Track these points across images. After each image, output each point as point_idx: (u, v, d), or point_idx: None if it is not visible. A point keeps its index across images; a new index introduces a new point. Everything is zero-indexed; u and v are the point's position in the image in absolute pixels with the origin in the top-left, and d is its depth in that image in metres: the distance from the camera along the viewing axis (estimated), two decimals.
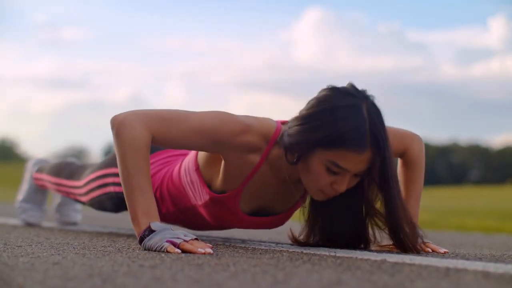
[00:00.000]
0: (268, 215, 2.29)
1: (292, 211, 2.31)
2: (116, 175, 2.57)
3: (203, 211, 2.27)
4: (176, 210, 2.41)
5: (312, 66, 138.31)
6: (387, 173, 1.98)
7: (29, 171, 3.38)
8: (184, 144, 2.05)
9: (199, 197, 2.24)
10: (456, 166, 73.19)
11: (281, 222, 2.33)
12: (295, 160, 1.99)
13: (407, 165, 2.33)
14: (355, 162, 1.91)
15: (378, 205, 2.09)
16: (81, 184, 2.83)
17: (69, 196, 3.01)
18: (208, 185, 2.19)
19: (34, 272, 1.34)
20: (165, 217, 2.46)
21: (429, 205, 12.63)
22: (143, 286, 1.18)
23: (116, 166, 2.53)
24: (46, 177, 3.15)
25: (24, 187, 3.39)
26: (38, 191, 3.36)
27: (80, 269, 1.40)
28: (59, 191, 3.07)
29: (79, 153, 73.58)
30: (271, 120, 2.13)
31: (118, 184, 2.52)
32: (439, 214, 9.05)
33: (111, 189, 2.63)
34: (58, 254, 1.72)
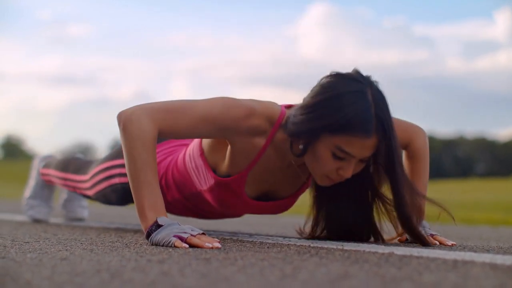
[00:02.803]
0: (273, 200, 2.29)
1: (296, 196, 2.32)
2: (122, 166, 2.57)
3: (208, 196, 2.27)
4: (181, 197, 2.41)
5: (318, 61, 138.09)
6: (393, 158, 1.97)
7: (35, 167, 3.39)
8: (191, 134, 2.05)
9: (204, 181, 2.24)
10: (462, 159, 73.09)
11: (285, 207, 2.34)
12: (301, 151, 1.99)
13: (411, 157, 2.33)
14: (360, 147, 1.91)
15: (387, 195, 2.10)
16: (87, 178, 2.83)
17: (75, 191, 3.01)
18: (213, 170, 2.20)
19: (42, 267, 1.34)
20: (171, 205, 2.47)
21: (436, 198, 12.58)
22: (151, 280, 1.18)
23: (121, 157, 2.54)
24: (52, 172, 3.16)
25: (31, 183, 3.40)
26: (45, 187, 3.37)
27: (88, 265, 1.40)
28: (65, 185, 3.08)
29: (85, 150, 73.75)
30: (275, 103, 2.13)
31: (124, 175, 2.53)
32: (446, 207, 9.00)
33: (116, 180, 2.63)
34: (66, 250, 1.73)
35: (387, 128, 1.92)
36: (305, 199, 2.32)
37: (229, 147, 2.12)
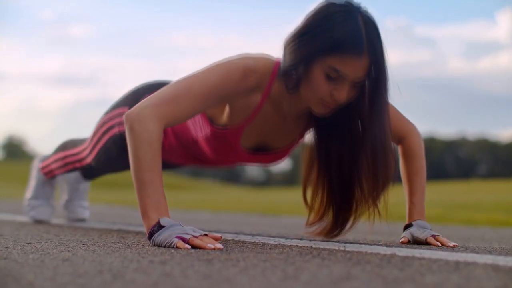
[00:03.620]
0: (267, 151, 2.34)
1: (290, 148, 2.36)
2: (121, 115, 2.60)
3: (204, 145, 2.32)
4: (178, 145, 2.47)
5: None
6: (380, 84, 2.01)
7: (35, 167, 3.38)
8: (196, 113, 2.08)
9: (200, 131, 2.29)
10: (464, 160, 73.04)
11: (279, 159, 2.39)
12: (295, 83, 2.03)
13: (408, 156, 2.33)
14: (353, 67, 1.94)
15: None
16: (85, 146, 2.88)
17: (75, 166, 3.04)
18: (211, 120, 2.24)
19: (44, 268, 1.34)
20: (167, 153, 2.50)
21: (437, 199, 12.59)
22: (153, 281, 1.18)
23: (121, 106, 2.61)
24: (51, 159, 3.19)
25: (32, 184, 3.39)
26: (46, 185, 3.36)
27: (90, 265, 1.40)
28: (65, 165, 3.09)
29: None
30: (269, 55, 2.17)
31: (123, 124, 2.56)
32: (447, 208, 9.03)
33: (115, 130, 2.65)
34: (68, 251, 1.73)
35: (378, 49, 1.96)
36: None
37: (227, 105, 2.17)
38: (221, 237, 1.93)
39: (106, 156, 2.78)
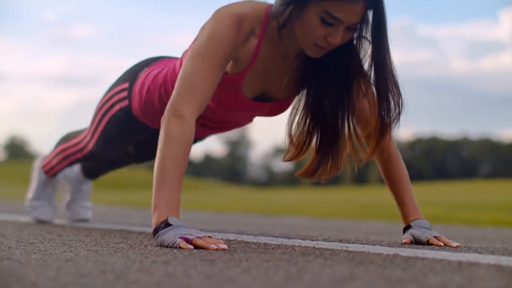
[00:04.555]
0: (269, 101, 2.32)
1: (291, 99, 2.34)
2: (121, 91, 2.60)
3: None
4: None
5: None
6: (380, 27, 2.01)
7: (36, 168, 3.38)
8: (216, 85, 2.08)
9: None
10: (467, 160, 72.94)
11: (281, 109, 2.37)
12: (288, 15, 2.03)
13: (387, 162, 2.32)
14: (348, 11, 1.94)
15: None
16: (86, 132, 2.86)
17: (77, 158, 3.02)
18: None
19: (47, 269, 1.34)
20: None
21: (440, 199, 12.59)
22: (156, 282, 1.18)
23: (120, 83, 2.60)
24: (52, 155, 3.18)
25: (33, 184, 3.39)
26: (47, 186, 3.36)
27: (93, 266, 1.40)
28: (66, 158, 3.07)
29: None
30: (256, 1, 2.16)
31: (124, 99, 2.56)
32: (450, 208, 9.02)
33: (116, 108, 2.63)
34: (71, 251, 1.73)
35: None
36: (308, 200, 2.32)
37: None
38: (225, 243, 1.92)
39: (107, 139, 2.76)
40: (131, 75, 2.58)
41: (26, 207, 3.39)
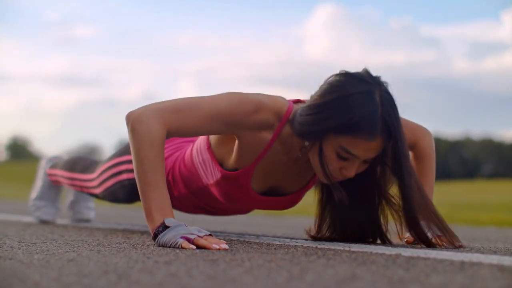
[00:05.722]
0: (280, 196, 2.29)
1: (303, 192, 2.31)
2: (129, 162, 2.58)
3: (214, 190, 2.26)
4: (188, 192, 2.41)
5: (324, 62, 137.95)
6: (400, 160, 1.98)
7: (42, 168, 3.39)
8: (200, 132, 2.05)
9: (210, 175, 2.24)
10: (469, 160, 72.91)
11: (292, 203, 2.33)
12: (306, 149, 2.01)
13: (418, 158, 2.33)
14: (365, 149, 1.92)
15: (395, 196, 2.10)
16: (94, 177, 2.84)
17: (83, 190, 3.02)
18: (220, 164, 2.19)
19: (50, 269, 1.34)
20: (177, 200, 2.47)
21: (442, 199, 12.59)
22: (158, 282, 1.18)
23: (129, 154, 2.56)
24: (59, 172, 3.17)
25: (38, 184, 3.40)
26: (52, 188, 3.37)
27: (95, 266, 1.40)
28: (72, 185, 3.08)
29: (92, 151, 73.82)
30: (283, 98, 2.13)
31: (131, 171, 2.53)
32: (452, 208, 9.02)
33: (124, 176, 2.63)
34: (73, 251, 1.73)
35: (393, 129, 1.92)
36: (312, 199, 2.32)
37: (236, 141, 2.12)
38: (226, 242, 1.91)
39: (113, 196, 2.78)
40: None
41: (29, 206, 3.40)
